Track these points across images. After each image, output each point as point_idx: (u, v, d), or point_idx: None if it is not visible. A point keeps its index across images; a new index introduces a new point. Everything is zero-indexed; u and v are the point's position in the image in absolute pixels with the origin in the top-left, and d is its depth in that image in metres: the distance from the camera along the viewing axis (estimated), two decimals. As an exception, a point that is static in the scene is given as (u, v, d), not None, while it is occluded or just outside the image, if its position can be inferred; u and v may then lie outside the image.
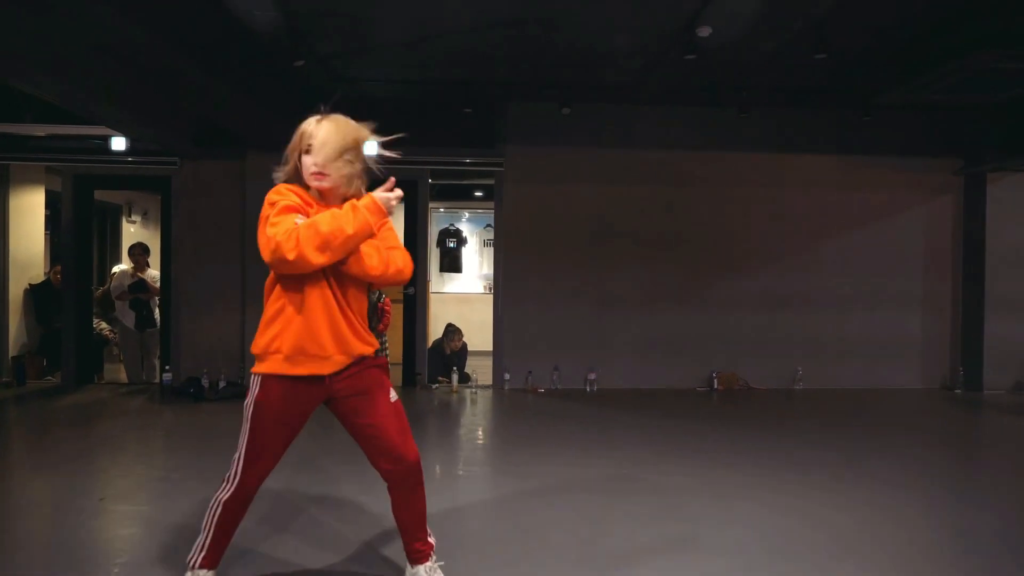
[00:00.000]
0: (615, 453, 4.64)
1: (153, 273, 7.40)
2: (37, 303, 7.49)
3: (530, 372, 7.14)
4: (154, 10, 4.05)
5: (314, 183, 2.31)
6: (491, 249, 10.89)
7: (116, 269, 7.92)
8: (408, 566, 2.50)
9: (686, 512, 3.46)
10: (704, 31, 4.91)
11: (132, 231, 9.98)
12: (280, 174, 2.37)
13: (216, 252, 7.09)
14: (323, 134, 2.32)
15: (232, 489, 2.33)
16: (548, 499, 3.65)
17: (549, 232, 7.21)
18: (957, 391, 7.19)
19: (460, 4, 4.72)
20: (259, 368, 2.32)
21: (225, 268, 7.07)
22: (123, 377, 7.60)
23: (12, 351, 7.18)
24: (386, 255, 2.34)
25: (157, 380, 7.28)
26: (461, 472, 4.34)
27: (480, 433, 5.56)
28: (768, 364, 7.30)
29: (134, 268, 7.31)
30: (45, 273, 7.76)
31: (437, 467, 4.33)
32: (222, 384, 6.63)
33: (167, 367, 6.92)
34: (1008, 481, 4.23)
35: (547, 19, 4.94)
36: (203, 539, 2.38)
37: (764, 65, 5.78)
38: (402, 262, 2.39)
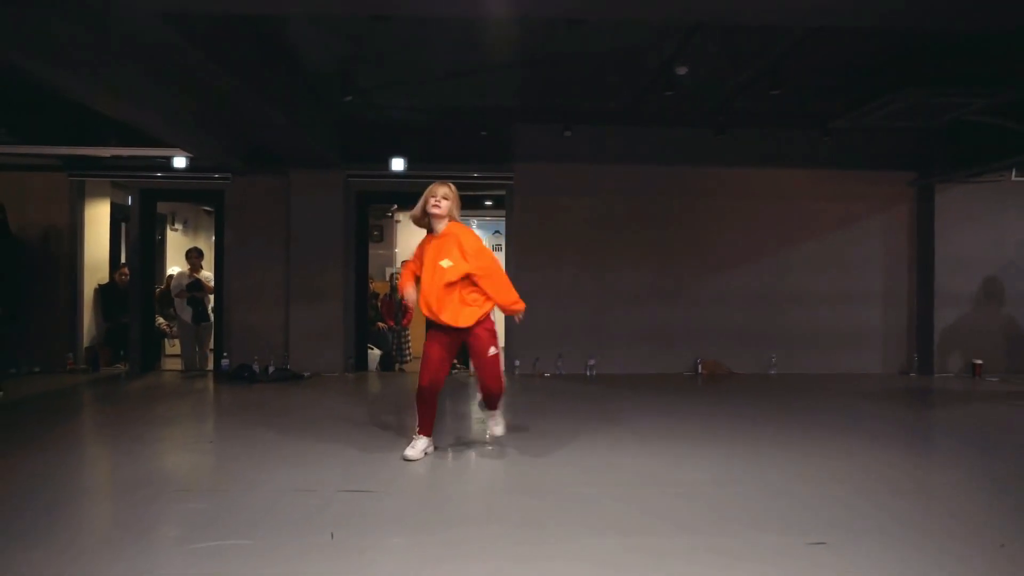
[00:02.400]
0: (606, 412, 5.67)
1: (207, 274, 8.45)
2: (104, 301, 8.53)
3: (537, 359, 8.16)
4: (226, 48, 4.98)
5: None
6: (500, 253, 11.93)
7: (172, 271, 8.97)
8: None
9: (656, 448, 4.49)
10: (681, 70, 5.98)
11: (175, 238, 11.05)
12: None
13: (262, 256, 8.13)
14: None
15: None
16: (558, 443, 4.67)
17: (553, 237, 8.25)
18: (912, 375, 8.21)
19: (480, 50, 5.77)
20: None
21: (270, 270, 8.12)
22: (178, 366, 8.63)
23: (86, 342, 8.23)
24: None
25: (209, 367, 8.33)
26: (487, 439, 5.38)
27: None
28: (746, 352, 8.33)
29: (190, 269, 8.36)
30: (111, 275, 8.79)
31: (465, 432, 5.35)
32: (271, 369, 7.66)
33: (224, 355, 7.95)
34: (948, 445, 5.24)
35: (551, 59, 5.99)
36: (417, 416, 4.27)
37: (735, 94, 6.83)
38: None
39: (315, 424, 5.23)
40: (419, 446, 4.23)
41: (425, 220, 4.21)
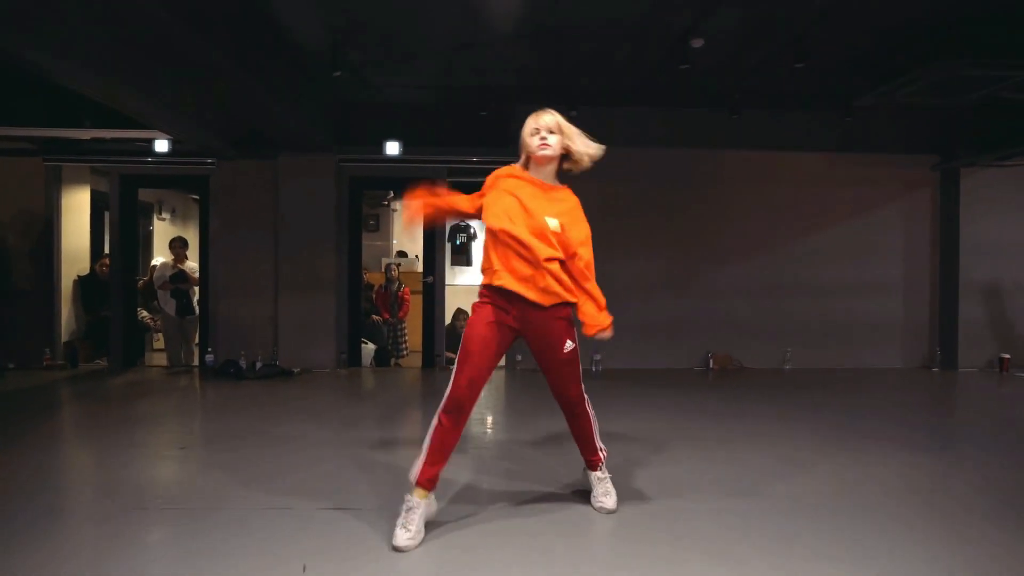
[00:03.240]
0: (610, 409, 5.26)
1: (191, 264, 8.02)
2: (84, 293, 8.10)
3: (540, 354, 7.72)
4: (209, 20, 4.58)
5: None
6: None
7: (156, 261, 8.55)
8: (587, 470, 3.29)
9: (655, 444, 4.07)
10: (697, 43, 5.53)
11: (162, 227, 10.61)
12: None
13: (250, 246, 7.69)
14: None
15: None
16: (553, 438, 4.26)
17: (557, 225, 7.79)
18: (935, 369, 7.79)
19: (480, 20, 5.32)
20: None
21: (258, 261, 7.68)
22: (163, 361, 8.22)
23: (64, 337, 7.81)
24: None
25: (195, 363, 7.92)
26: (488, 431, 4.97)
27: (500, 400, 6.17)
28: (759, 346, 7.91)
29: (174, 260, 7.93)
30: (91, 266, 8.37)
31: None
32: (259, 365, 7.24)
33: (209, 349, 7.53)
34: (977, 444, 4.83)
35: (556, 31, 5.54)
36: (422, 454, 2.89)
37: (752, 71, 6.38)
38: None
39: (300, 427, 4.82)
40: (415, 523, 2.77)
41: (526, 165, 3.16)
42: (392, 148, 7.50)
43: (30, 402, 5.93)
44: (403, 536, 2.72)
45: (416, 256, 10.66)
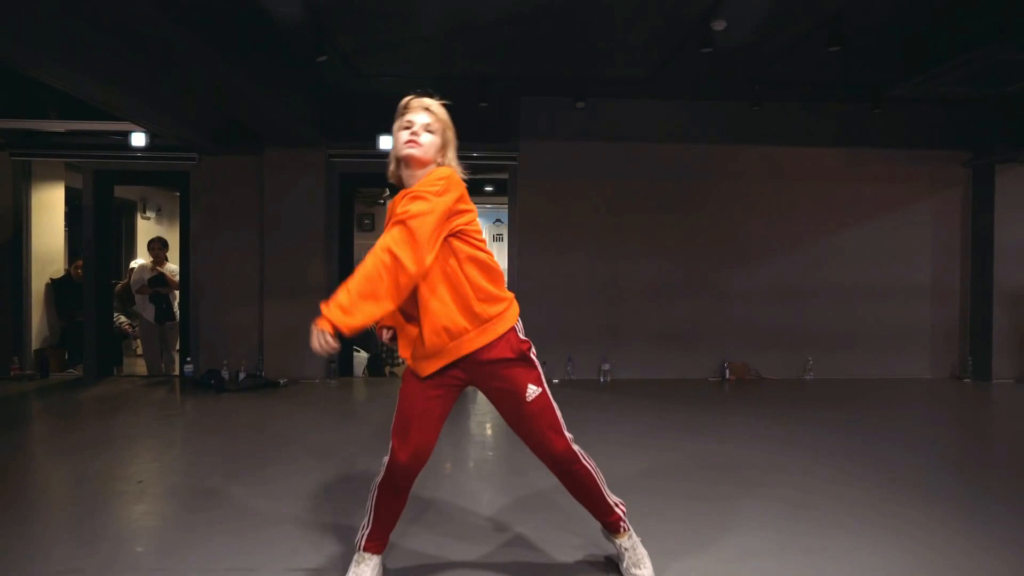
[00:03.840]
0: (628, 432, 4.74)
1: (172, 267, 7.51)
2: (58, 297, 7.60)
3: (544, 363, 7.20)
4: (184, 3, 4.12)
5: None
6: (500, 244, 10.99)
7: (135, 264, 8.04)
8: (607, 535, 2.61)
9: (675, 480, 3.56)
10: (719, 25, 5.01)
11: (146, 226, 10.10)
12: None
13: (234, 246, 7.18)
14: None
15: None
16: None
17: (563, 225, 7.30)
18: (966, 380, 7.27)
19: (479, 1, 4.81)
20: None
21: (243, 262, 7.17)
22: (142, 370, 7.71)
23: (35, 344, 7.30)
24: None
25: (176, 372, 7.40)
26: (491, 453, 4.46)
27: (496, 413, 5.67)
28: (779, 354, 7.39)
29: (153, 262, 7.42)
30: (65, 268, 7.86)
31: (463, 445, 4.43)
32: (242, 376, 6.73)
33: (188, 359, 7.02)
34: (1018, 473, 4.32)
35: (564, 11, 5.02)
36: (366, 519, 2.43)
37: (777, 58, 5.86)
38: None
39: (277, 455, 4.30)
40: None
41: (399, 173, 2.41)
42: (386, 142, 6.96)
43: (-12, 419, 5.43)
44: None
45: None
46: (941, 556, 2.79)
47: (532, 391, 2.34)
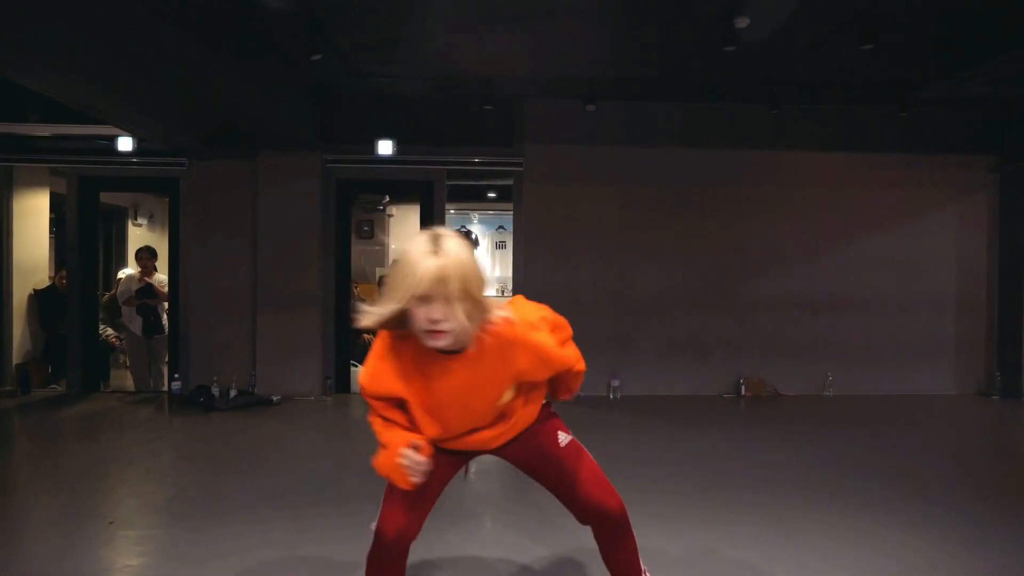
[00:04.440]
0: (648, 464, 4.40)
1: (161, 277, 7.17)
2: (41, 308, 7.27)
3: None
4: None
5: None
6: (503, 252, 10.66)
7: (122, 274, 7.71)
8: None
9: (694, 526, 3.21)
10: (742, 22, 4.67)
11: (138, 234, 9.75)
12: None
13: (226, 255, 6.85)
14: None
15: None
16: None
17: (569, 233, 6.97)
18: (994, 397, 6.92)
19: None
20: None
21: (235, 273, 6.83)
22: (130, 384, 7.37)
23: (16, 358, 6.97)
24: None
25: (165, 387, 7.06)
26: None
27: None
28: (797, 369, 7.06)
29: (141, 272, 7.08)
30: (50, 278, 7.53)
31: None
32: (233, 392, 6.39)
33: (175, 375, 6.67)
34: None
35: (572, 9, 4.70)
36: None
37: (801, 58, 5.54)
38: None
39: (265, 484, 3.95)
40: None
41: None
42: (385, 147, 6.64)
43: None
44: None
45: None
46: None
47: (563, 437, 2.04)
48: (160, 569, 2.82)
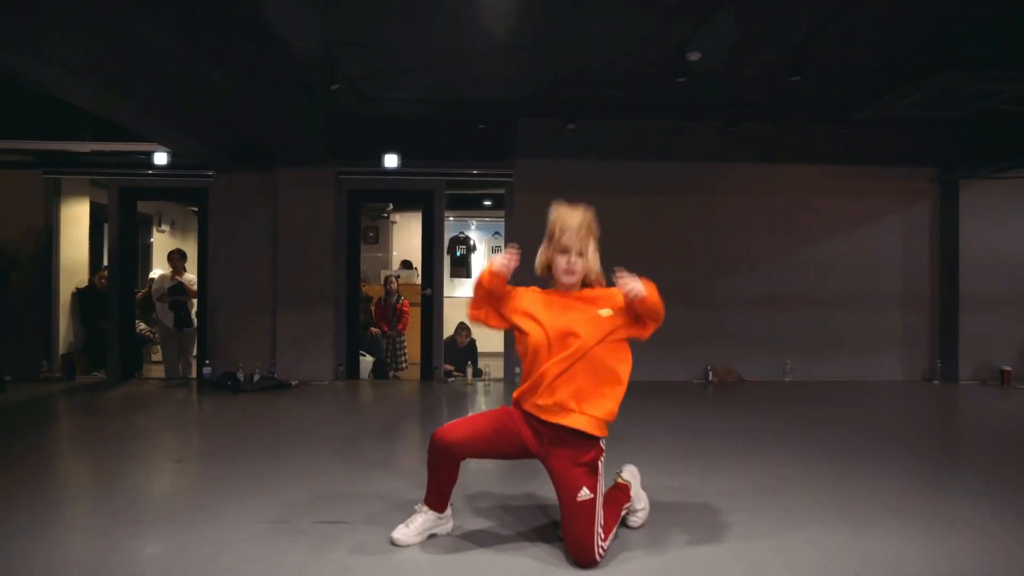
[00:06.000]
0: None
1: (190, 277, 8.01)
2: (82, 306, 8.09)
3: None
4: (205, 35, 4.60)
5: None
6: (500, 256, 11.44)
7: (154, 274, 8.54)
8: None
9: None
10: (694, 56, 5.54)
11: (162, 239, 10.61)
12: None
13: (249, 258, 7.69)
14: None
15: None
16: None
17: (556, 237, 7.78)
18: (935, 382, 7.75)
19: (477, 33, 5.34)
20: None
21: (257, 273, 7.67)
22: (161, 373, 8.19)
23: (62, 349, 7.79)
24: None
25: (193, 375, 7.89)
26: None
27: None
28: (759, 358, 7.88)
29: (172, 272, 7.92)
30: (89, 278, 8.35)
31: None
32: (256, 378, 7.21)
33: (207, 362, 7.50)
34: (977, 465, 4.80)
35: (555, 45, 5.55)
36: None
37: (749, 84, 6.39)
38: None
39: (296, 439, 4.79)
40: (416, 524, 2.86)
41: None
42: (391, 160, 7.51)
43: (27, 414, 5.91)
44: (401, 530, 2.86)
45: (416, 268, 10.64)
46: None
47: (584, 494, 2.69)
48: (212, 487, 3.64)
